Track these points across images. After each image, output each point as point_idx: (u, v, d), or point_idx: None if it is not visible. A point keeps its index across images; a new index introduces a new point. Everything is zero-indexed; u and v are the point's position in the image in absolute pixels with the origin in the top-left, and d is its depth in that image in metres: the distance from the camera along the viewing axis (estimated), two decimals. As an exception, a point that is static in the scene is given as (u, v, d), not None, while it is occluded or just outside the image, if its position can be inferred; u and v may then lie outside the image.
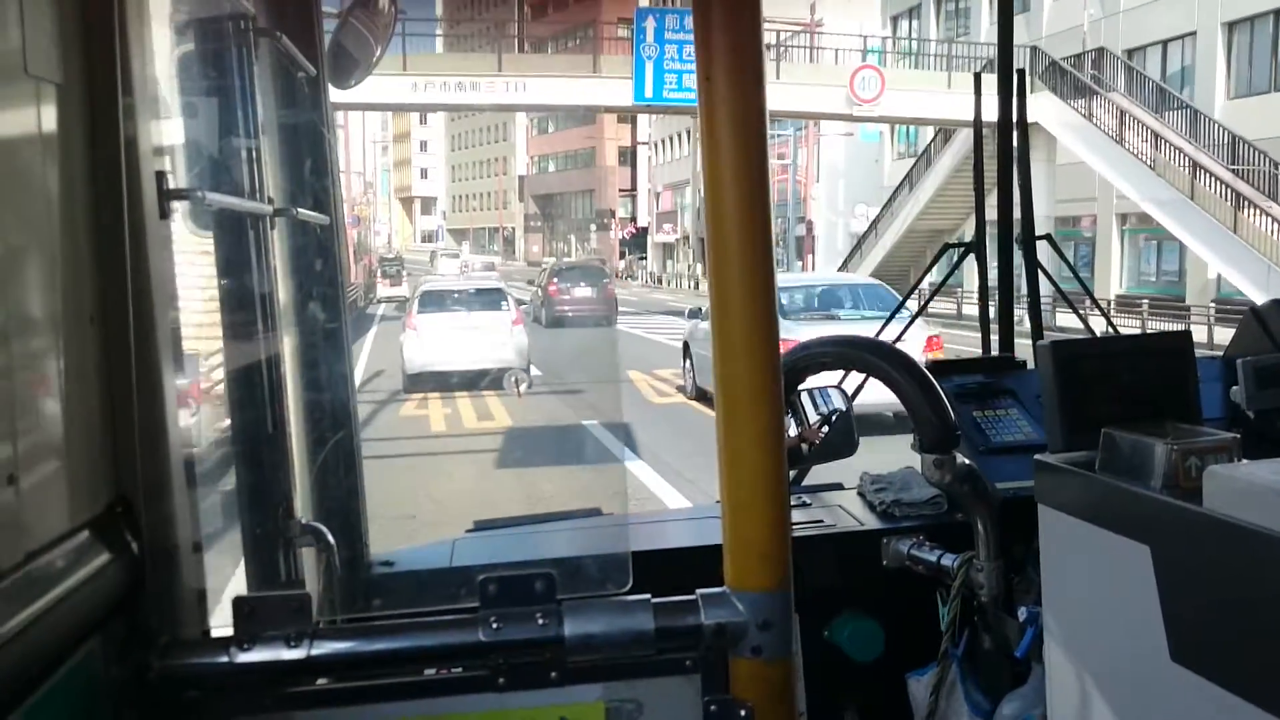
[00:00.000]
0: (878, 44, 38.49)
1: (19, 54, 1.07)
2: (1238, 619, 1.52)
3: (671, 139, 66.76)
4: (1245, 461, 1.68)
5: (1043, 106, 28.28)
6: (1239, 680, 1.50)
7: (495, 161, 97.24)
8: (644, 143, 73.06)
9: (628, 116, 77.43)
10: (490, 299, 19.11)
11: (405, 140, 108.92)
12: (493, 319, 18.05)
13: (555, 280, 28.05)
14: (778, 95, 29.50)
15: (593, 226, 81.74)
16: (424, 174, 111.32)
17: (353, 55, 2.31)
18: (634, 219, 75.82)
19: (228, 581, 1.67)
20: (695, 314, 15.75)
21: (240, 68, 1.79)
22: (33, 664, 1.01)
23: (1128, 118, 27.66)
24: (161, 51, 1.48)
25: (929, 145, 35.87)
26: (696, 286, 55.96)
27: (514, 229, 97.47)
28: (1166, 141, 26.33)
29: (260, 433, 1.84)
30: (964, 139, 31.30)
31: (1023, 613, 2.11)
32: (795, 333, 12.17)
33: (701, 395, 15.11)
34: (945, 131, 34.09)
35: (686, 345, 16.16)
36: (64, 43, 1.16)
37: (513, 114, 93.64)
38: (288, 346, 2.04)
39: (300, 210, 2.01)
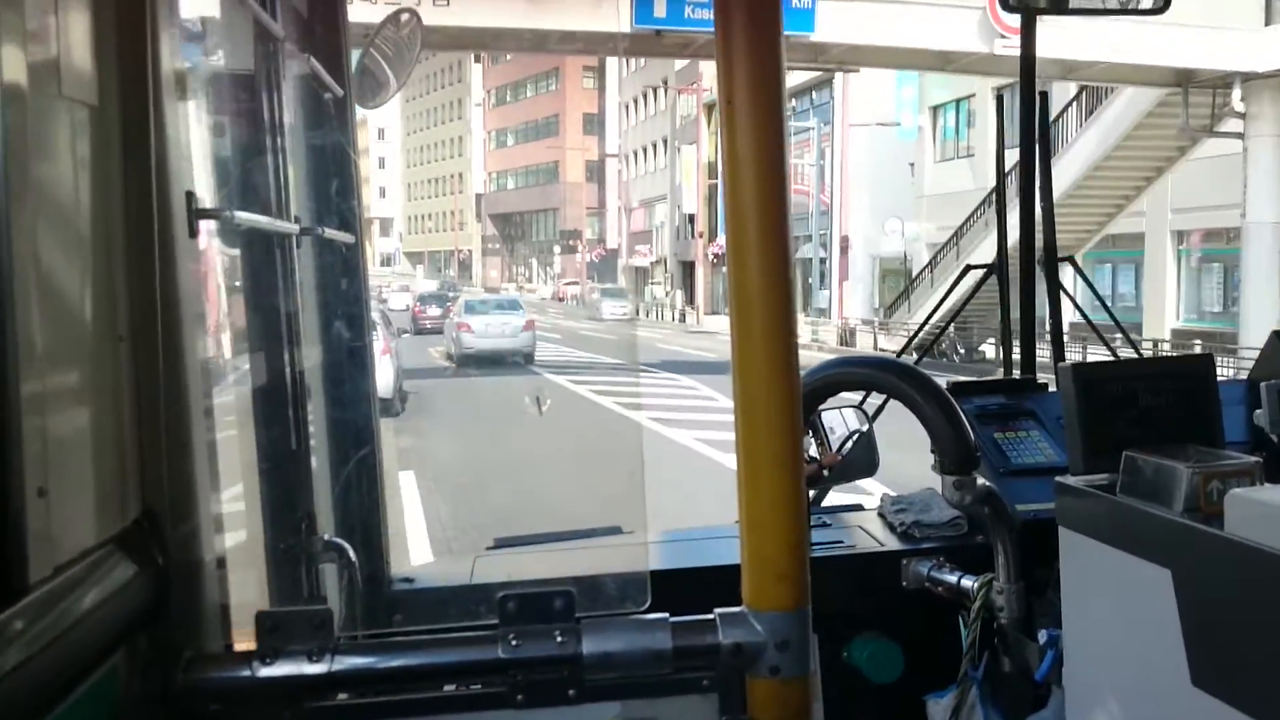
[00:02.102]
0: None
1: (54, 77, 1.09)
2: (1260, 644, 1.51)
3: (645, 150, 58.92)
4: (1268, 485, 1.67)
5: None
6: (1261, 705, 1.49)
7: (451, 179, 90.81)
8: (613, 155, 65.03)
9: (594, 125, 67.65)
10: None
11: (364, 156, 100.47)
12: None
13: (419, 304, 42.36)
14: (860, 25, 20.79)
15: (556, 249, 75.55)
16: (382, 193, 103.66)
17: (377, 76, 2.34)
18: (602, 240, 68.94)
19: (250, 596, 1.68)
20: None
21: (268, 88, 1.82)
22: (59, 677, 1.02)
23: None
24: (192, 73, 1.51)
25: (1055, 120, 23.88)
26: (682, 319, 48.06)
27: (471, 252, 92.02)
28: None
29: (284, 449, 1.86)
30: (1120, 108, 22.04)
31: (1043, 636, 2.10)
32: (471, 318, 27.34)
33: (451, 358, 25.23)
34: (1084, 99, 23.06)
35: (444, 328, 29.49)
36: (98, 66, 1.18)
37: (469, 127, 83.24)
38: (312, 364, 2.06)
39: (326, 229, 2.03)
